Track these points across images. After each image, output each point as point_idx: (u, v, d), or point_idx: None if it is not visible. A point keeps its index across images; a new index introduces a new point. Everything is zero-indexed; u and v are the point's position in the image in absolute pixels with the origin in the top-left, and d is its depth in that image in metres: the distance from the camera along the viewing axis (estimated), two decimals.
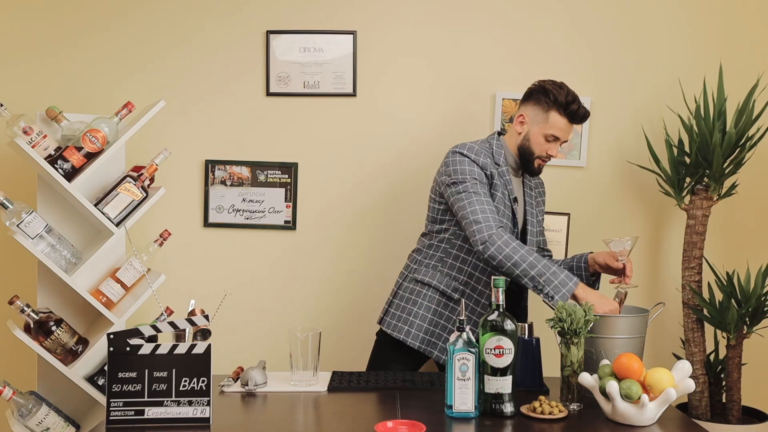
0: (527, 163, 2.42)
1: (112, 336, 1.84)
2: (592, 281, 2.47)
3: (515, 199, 2.41)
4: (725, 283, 2.65)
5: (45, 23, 2.93)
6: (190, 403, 1.83)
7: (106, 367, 2.26)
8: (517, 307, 2.51)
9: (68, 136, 2.58)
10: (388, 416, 1.87)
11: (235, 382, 2.19)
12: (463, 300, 1.96)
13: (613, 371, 1.90)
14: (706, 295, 2.74)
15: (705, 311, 2.68)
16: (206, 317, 1.98)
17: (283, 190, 2.97)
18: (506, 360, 1.88)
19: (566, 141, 2.42)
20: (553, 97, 2.34)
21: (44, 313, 2.50)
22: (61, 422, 2.50)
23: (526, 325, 2.16)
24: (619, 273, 2.35)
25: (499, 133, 2.49)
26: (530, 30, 2.95)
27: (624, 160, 2.96)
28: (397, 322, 2.43)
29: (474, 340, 1.88)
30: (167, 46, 2.95)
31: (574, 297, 2.16)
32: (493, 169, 2.37)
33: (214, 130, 2.97)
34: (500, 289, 1.90)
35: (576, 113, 2.35)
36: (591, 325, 1.97)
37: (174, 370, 1.83)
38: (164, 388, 1.83)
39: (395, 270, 2.88)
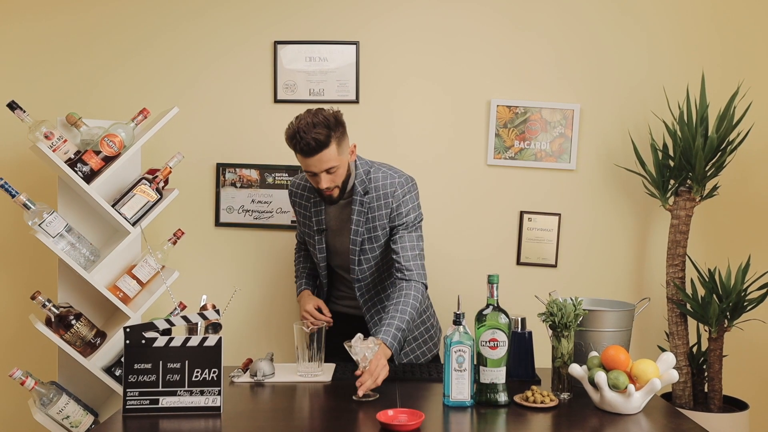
0: (320, 196, 2.27)
1: (128, 329, 1.84)
2: None
3: (320, 231, 2.35)
4: (707, 280, 2.64)
5: (64, 35, 2.94)
6: (202, 393, 1.83)
7: (122, 359, 2.27)
8: None
9: (87, 141, 2.58)
10: (389, 405, 1.87)
11: (245, 372, 2.19)
12: (459, 295, 1.97)
13: (601, 362, 1.90)
14: (689, 290, 2.74)
15: (688, 306, 2.68)
16: (217, 312, 1.98)
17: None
18: (500, 352, 1.88)
19: (329, 170, 2.13)
20: (286, 137, 2.14)
21: (64, 307, 2.50)
22: (80, 410, 2.50)
23: (520, 319, 2.16)
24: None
25: None
26: (523, 40, 2.94)
27: (612, 163, 2.96)
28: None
29: (470, 333, 1.89)
30: (181, 56, 2.96)
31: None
32: (299, 199, 2.42)
33: (224, 135, 2.98)
34: (495, 285, 1.90)
35: (298, 146, 2.09)
36: (580, 318, 1.97)
37: (187, 362, 1.84)
38: (177, 379, 1.83)
39: None
